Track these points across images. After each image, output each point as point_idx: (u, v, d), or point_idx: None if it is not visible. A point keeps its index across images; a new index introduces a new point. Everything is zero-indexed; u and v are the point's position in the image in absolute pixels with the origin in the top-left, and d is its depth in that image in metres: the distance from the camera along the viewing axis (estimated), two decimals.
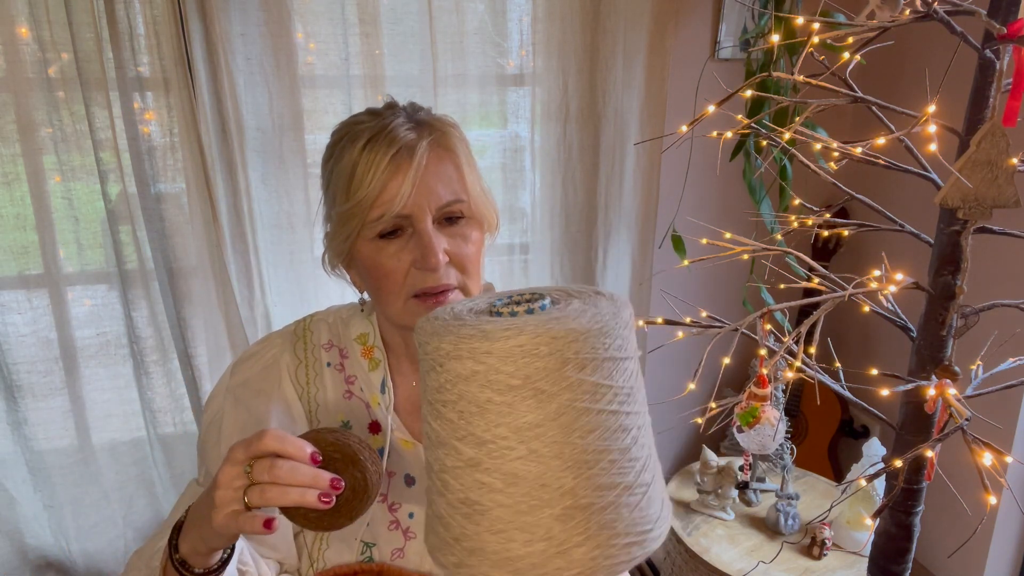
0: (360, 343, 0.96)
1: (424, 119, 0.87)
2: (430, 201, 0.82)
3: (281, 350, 0.97)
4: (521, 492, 0.53)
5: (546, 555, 0.52)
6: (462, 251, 0.85)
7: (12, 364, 1.87)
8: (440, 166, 0.84)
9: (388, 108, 0.88)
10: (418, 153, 0.82)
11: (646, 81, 2.07)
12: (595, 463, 0.53)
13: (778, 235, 1.07)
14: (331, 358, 0.97)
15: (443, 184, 0.83)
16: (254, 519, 0.69)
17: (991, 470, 0.74)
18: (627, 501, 0.55)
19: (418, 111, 0.89)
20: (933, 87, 1.06)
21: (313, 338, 0.98)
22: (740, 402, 0.86)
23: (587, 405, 0.53)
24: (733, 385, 2.57)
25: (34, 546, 2.02)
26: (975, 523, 1.94)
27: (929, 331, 0.85)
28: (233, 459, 0.71)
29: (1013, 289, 1.89)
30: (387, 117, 0.86)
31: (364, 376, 0.95)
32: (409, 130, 0.84)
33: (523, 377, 0.52)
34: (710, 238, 0.94)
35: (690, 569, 1.88)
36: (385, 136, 0.83)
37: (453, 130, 0.87)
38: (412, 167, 0.81)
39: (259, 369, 0.96)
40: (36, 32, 1.66)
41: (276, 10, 1.78)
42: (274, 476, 0.68)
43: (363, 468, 0.72)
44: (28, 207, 1.79)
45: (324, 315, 1.00)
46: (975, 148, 0.72)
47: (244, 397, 0.94)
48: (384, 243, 0.84)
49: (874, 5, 0.75)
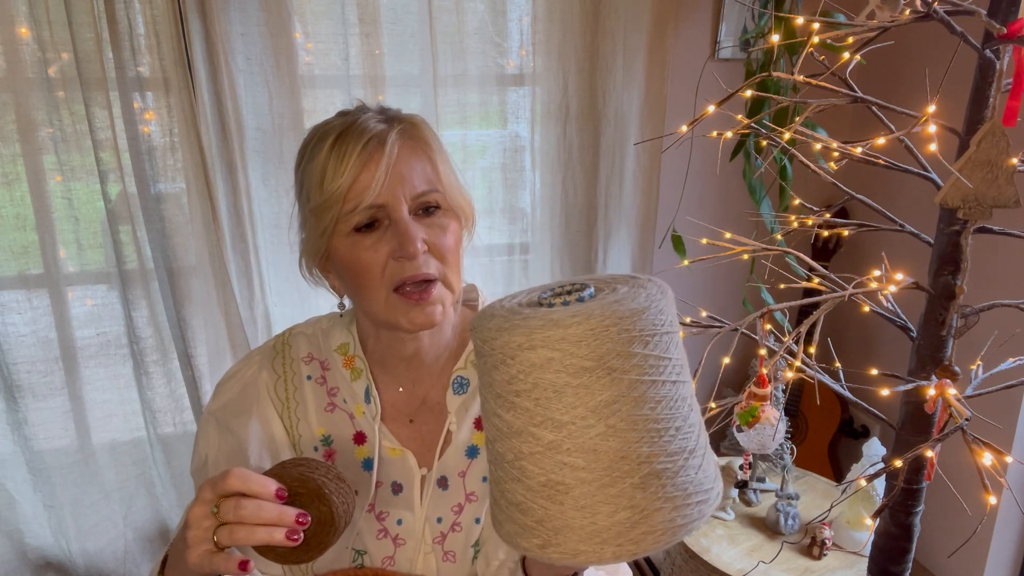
0: (341, 353, 0.95)
1: (393, 114, 0.87)
2: (404, 190, 0.82)
3: (260, 368, 0.96)
4: (602, 467, 0.56)
5: (631, 522, 0.56)
6: (440, 241, 0.84)
7: (12, 364, 1.87)
8: (412, 156, 0.83)
9: (358, 109, 0.88)
10: (389, 142, 0.81)
11: (646, 81, 2.07)
12: (665, 431, 0.58)
13: (778, 235, 1.07)
14: (311, 371, 0.96)
15: (416, 173, 0.83)
16: (228, 559, 0.70)
17: (991, 470, 0.74)
18: (693, 463, 0.59)
19: (387, 110, 0.89)
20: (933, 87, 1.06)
21: (292, 352, 0.97)
22: (740, 402, 0.86)
23: (654, 378, 0.58)
24: (733, 385, 2.57)
25: (34, 546, 2.02)
26: (975, 523, 1.94)
27: (929, 331, 0.85)
28: (202, 498, 0.71)
29: (1013, 289, 1.89)
30: (355, 115, 0.86)
31: (347, 387, 0.94)
32: (379, 122, 0.84)
33: (596, 358, 0.56)
34: (710, 238, 0.94)
35: (690, 569, 1.88)
36: (355, 130, 0.83)
37: (423, 123, 0.87)
38: (384, 156, 0.80)
39: (238, 390, 0.96)
40: (36, 32, 1.66)
41: (276, 10, 1.78)
42: (239, 516, 0.69)
43: (329, 501, 0.72)
44: (28, 207, 1.80)
45: (303, 327, 0.99)
46: (975, 148, 0.72)
47: (225, 419, 0.94)
48: (360, 236, 0.83)
49: (874, 5, 0.75)
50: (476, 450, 0.92)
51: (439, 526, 0.92)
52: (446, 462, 0.92)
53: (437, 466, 0.92)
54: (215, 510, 0.70)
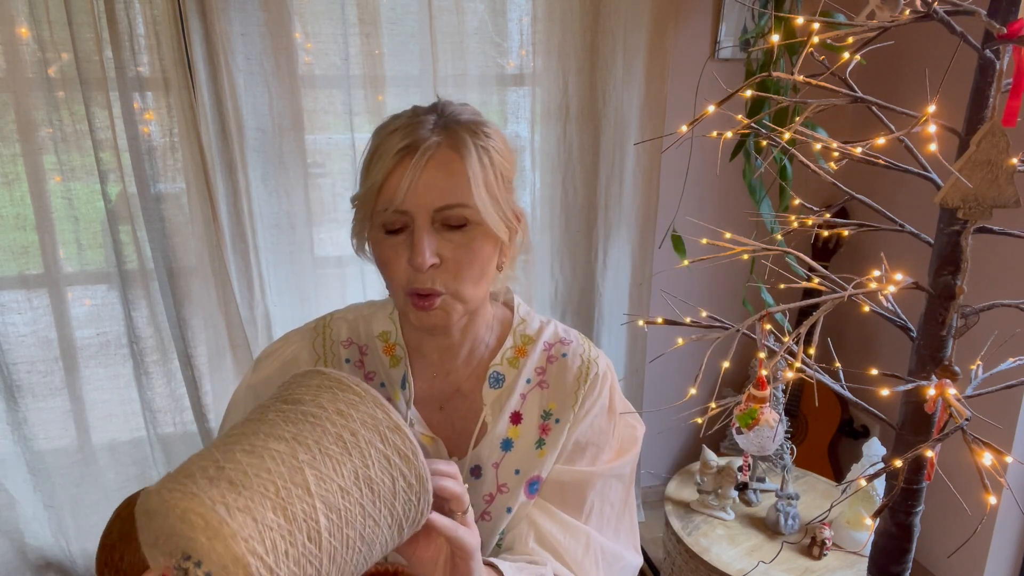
0: (382, 340, 0.98)
1: (452, 122, 0.85)
2: (427, 200, 0.82)
3: (300, 347, 0.99)
4: None
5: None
6: (459, 257, 0.84)
7: (12, 364, 1.87)
8: (443, 168, 0.83)
9: (432, 106, 0.89)
10: (420, 151, 0.82)
11: (646, 81, 2.07)
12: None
13: (778, 235, 1.07)
14: (350, 355, 0.98)
15: (443, 187, 0.83)
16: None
17: (991, 470, 0.74)
18: None
19: (456, 113, 0.87)
20: (933, 87, 1.06)
21: (332, 335, 1.00)
22: (739, 403, 0.86)
23: None
24: (733, 385, 2.57)
25: (34, 546, 2.02)
26: (975, 523, 1.94)
27: (929, 331, 0.85)
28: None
29: (1013, 289, 1.89)
30: (421, 114, 0.86)
31: (385, 372, 0.97)
32: (429, 129, 0.84)
33: None
34: (710, 238, 0.94)
35: (690, 569, 1.88)
36: (405, 130, 0.84)
37: (472, 137, 0.85)
38: (412, 163, 0.81)
39: (278, 366, 0.98)
40: (36, 32, 1.66)
41: (276, 10, 1.78)
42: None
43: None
44: (28, 207, 1.80)
45: (344, 313, 1.02)
46: (975, 148, 0.72)
47: (264, 393, 0.96)
48: (388, 236, 0.86)
49: (874, 5, 0.75)
50: (511, 443, 0.94)
51: None
52: (480, 452, 0.94)
53: (471, 455, 0.94)
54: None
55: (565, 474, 0.94)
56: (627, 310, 2.30)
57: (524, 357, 0.96)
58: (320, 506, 0.60)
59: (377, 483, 0.64)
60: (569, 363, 0.96)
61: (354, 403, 0.66)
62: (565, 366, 0.96)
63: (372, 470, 0.64)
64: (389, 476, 0.65)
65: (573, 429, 0.94)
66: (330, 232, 2.06)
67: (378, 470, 0.64)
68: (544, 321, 1.00)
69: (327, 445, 0.63)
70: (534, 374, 0.96)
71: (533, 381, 0.96)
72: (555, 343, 0.98)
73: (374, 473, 0.64)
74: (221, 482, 0.59)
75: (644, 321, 0.97)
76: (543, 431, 0.94)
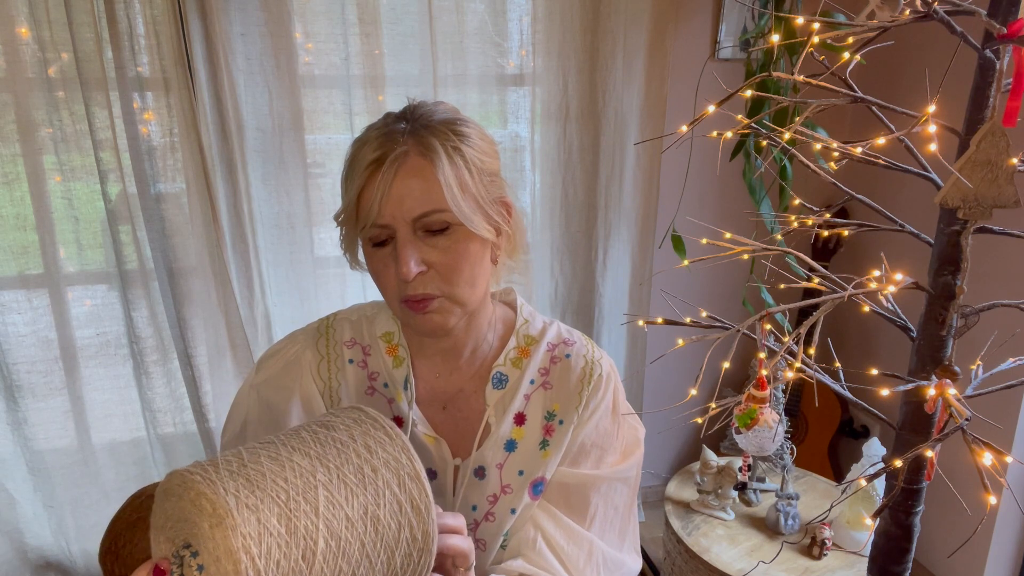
0: (385, 341, 0.98)
1: (420, 128, 0.84)
2: (403, 211, 0.82)
3: (303, 347, 0.99)
4: None
5: None
6: (446, 262, 0.84)
7: (12, 364, 1.87)
8: (415, 176, 0.82)
9: (402, 112, 0.87)
10: (387, 163, 0.81)
11: (646, 81, 2.07)
12: None
13: (778, 235, 1.07)
14: (353, 355, 0.99)
15: (417, 195, 0.82)
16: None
17: (991, 470, 0.74)
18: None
19: (428, 115, 0.86)
20: (933, 87, 1.06)
21: (336, 335, 1.00)
22: (739, 403, 0.86)
23: None
24: (733, 385, 2.57)
25: (34, 546, 2.02)
26: (975, 523, 1.94)
27: (929, 331, 0.85)
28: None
29: (1013, 289, 1.89)
30: (391, 123, 0.85)
31: (388, 372, 0.97)
32: (395, 140, 0.83)
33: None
34: (710, 238, 0.94)
35: (690, 569, 1.88)
36: (375, 142, 0.83)
37: (442, 139, 0.83)
38: (380, 176, 0.81)
39: (281, 366, 0.99)
40: (36, 32, 1.66)
41: (276, 10, 1.78)
42: None
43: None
44: (28, 207, 1.80)
45: (347, 314, 1.03)
46: (975, 148, 0.72)
47: (267, 393, 0.97)
48: (375, 250, 0.87)
49: (874, 5, 0.75)
50: (515, 444, 0.94)
51: (473, 514, 0.94)
52: (484, 453, 0.94)
53: (475, 456, 0.94)
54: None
55: (569, 477, 0.94)
56: (627, 310, 2.30)
57: (527, 358, 0.96)
58: (323, 528, 0.61)
59: (383, 525, 0.64)
60: (572, 364, 0.96)
61: (383, 442, 0.68)
62: (568, 367, 0.96)
63: (382, 511, 0.64)
64: (396, 522, 0.65)
65: (577, 431, 0.94)
66: (330, 232, 2.06)
67: (387, 513, 0.65)
68: (547, 322, 1.00)
69: (346, 473, 0.64)
70: (538, 375, 0.96)
71: (537, 382, 0.96)
72: (558, 344, 0.98)
73: (383, 514, 0.64)
74: (239, 478, 0.61)
75: (644, 321, 0.97)
76: (547, 432, 0.94)
